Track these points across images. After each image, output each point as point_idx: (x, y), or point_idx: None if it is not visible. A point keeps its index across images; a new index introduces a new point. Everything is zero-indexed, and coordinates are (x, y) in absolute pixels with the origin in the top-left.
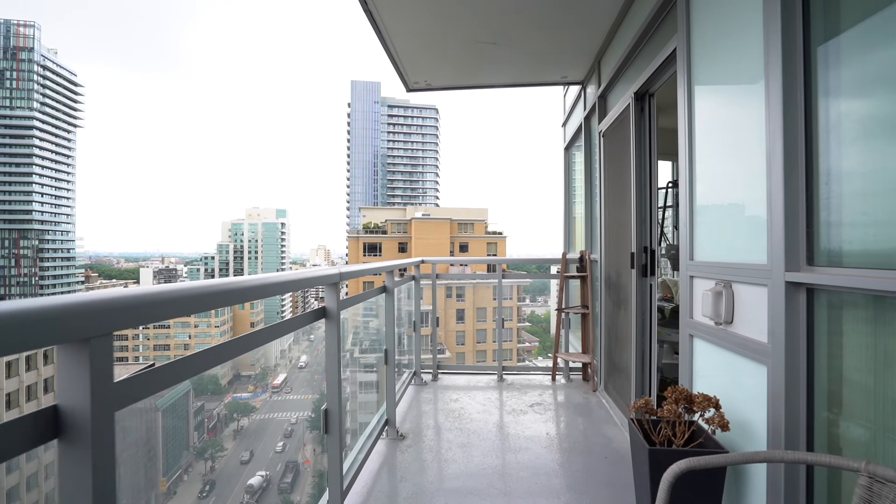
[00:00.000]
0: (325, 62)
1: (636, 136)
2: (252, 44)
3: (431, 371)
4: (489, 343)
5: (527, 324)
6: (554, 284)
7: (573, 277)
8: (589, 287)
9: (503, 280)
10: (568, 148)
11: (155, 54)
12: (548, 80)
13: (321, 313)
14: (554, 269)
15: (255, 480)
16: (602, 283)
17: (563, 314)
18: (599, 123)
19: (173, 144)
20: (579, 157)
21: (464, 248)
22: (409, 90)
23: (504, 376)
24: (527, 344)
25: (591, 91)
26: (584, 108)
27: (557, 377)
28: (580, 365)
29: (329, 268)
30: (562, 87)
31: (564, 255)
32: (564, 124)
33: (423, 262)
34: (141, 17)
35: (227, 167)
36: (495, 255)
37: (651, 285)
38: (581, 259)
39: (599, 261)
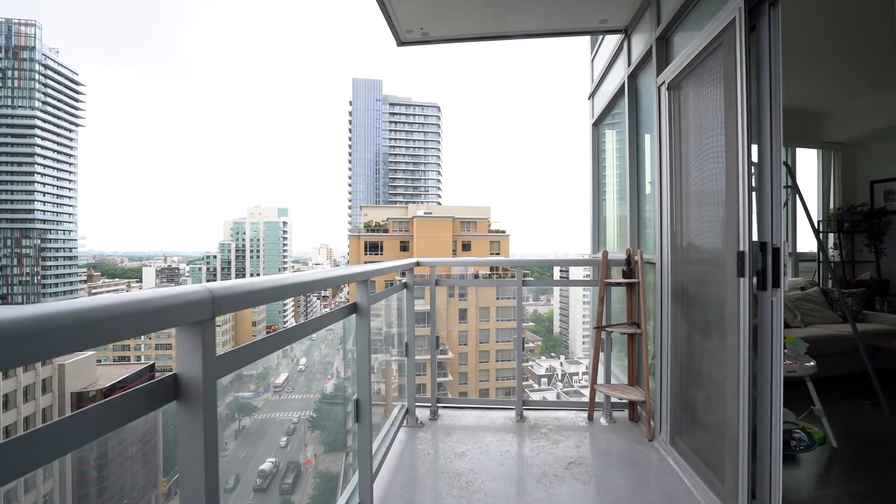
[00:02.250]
0: (327, 60)
1: (745, 70)
2: (253, 42)
3: (430, 405)
4: (492, 343)
5: (530, 323)
6: (562, 290)
7: (618, 284)
8: (641, 298)
9: (522, 288)
10: (598, 123)
11: (155, 53)
12: (579, 28)
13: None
14: (579, 273)
15: (266, 466)
16: (666, 294)
17: (602, 333)
18: (660, 74)
19: (175, 143)
20: (612, 135)
21: (466, 247)
22: (400, 43)
23: (525, 413)
24: (531, 344)
25: (642, 38)
26: (629, 63)
27: (596, 414)
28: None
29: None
30: (589, 51)
31: (605, 254)
32: (592, 95)
33: (417, 264)
34: (140, 16)
35: (228, 166)
36: (498, 254)
37: (773, 303)
38: (628, 260)
39: (661, 263)
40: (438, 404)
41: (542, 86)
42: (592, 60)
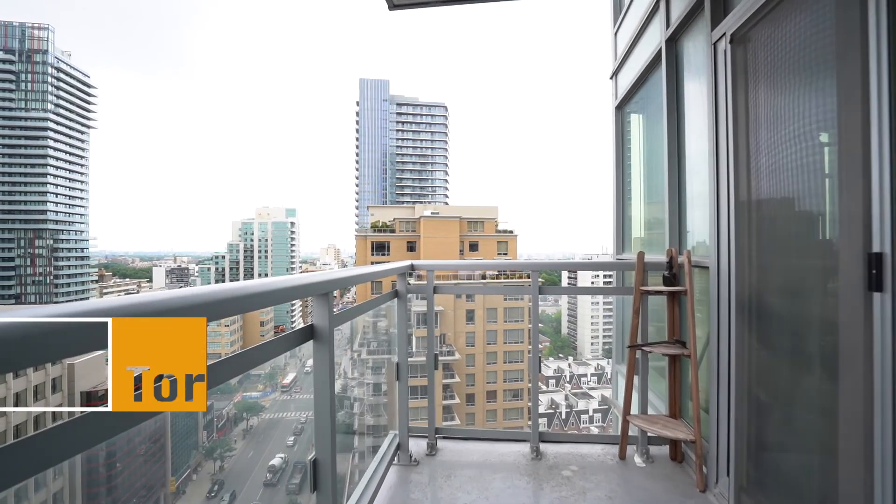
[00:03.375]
0: (334, 60)
1: None
2: (259, 43)
3: (427, 437)
4: (500, 344)
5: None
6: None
7: (658, 293)
8: (689, 310)
9: (538, 298)
10: (623, 105)
11: (160, 54)
12: None
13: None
14: (587, 279)
15: (276, 461)
16: (729, 307)
17: (637, 353)
18: (716, 27)
19: (183, 144)
20: (638, 119)
21: (473, 248)
22: (392, 7)
23: (542, 448)
24: (539, 345)
25: None
26: (667, 24)
27: (629, 450)
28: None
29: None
30: (612, 24)
31: (641, 256)
32: (616, 74)
33: (412, 268)
34: (145, 17)
35: (236, 166)
36: (506, 254)
37: None
38: (670, 264)
39: (719, 267)
40: (438, 435)
41: (554, 73)
42: (616, 33)
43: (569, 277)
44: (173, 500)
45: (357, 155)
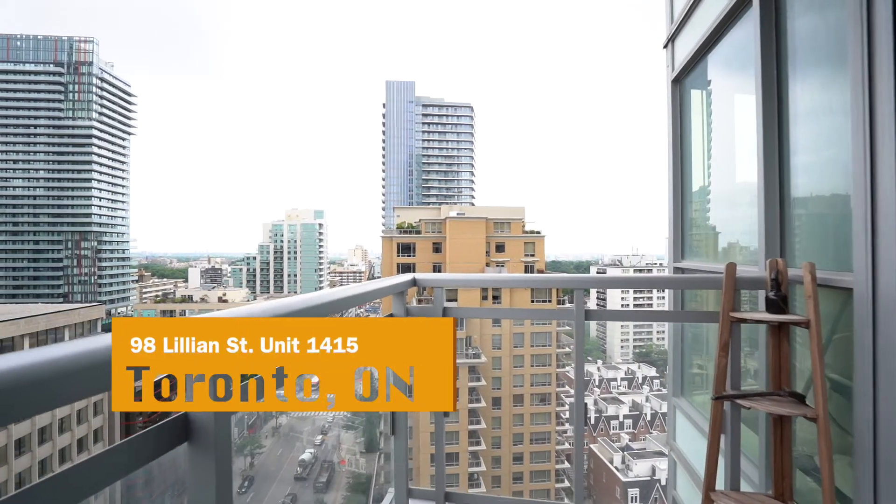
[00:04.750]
0: (361, 63)
1: None
2: (287, 48)
3: (433, 501)
4: (526, 347)
5: (566, 326)
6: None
7: (759, 322)
8: (814, 350)
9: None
10: (681, 78)
11: (189, 59)
12: None
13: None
14: (616, 299)
15: (305, 456)
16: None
17: (725, 405)
18: None
19: (214, 147)
20: (700, 96)
21: (500, 248)
22: None
23: None
24: (566, 348)
25: None
26: None
27: None
28: None
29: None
30: None
31: (732, 269)
32: (671, 40)
33: (414, 282)
34: (176, 23)
35: (266, 168)
36: (532, 255)
37: None
38: (775, 281)
39: (875, 290)
40: (448, 503)
41: (588, 53)
42: None
43: (622, 299)
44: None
45: (383, 156)
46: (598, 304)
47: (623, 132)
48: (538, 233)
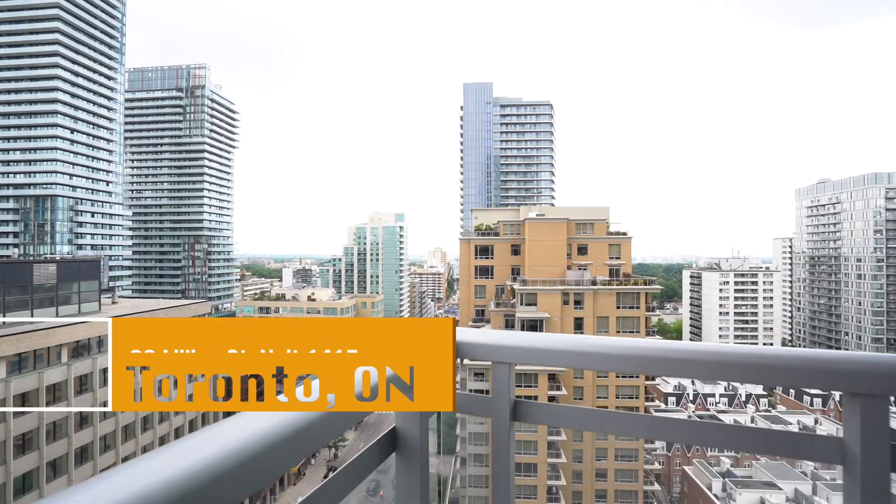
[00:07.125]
0: (438, 68)
1: None
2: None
3: None
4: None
5: (656, 337)
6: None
7: None
8: None
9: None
10: None
11: (278, 74)
12: None
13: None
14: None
15: None
16: None
17: None
18: None
19: (304, 155)
20: None
21: (582, 251)
22: None
23: None
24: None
25: None
26: None
27: None
28: None
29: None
30: None
31: None
32: None
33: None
34: (268, 44)
35: (351, 173)
36: (618, 257)
37: None
38: None
39: None
40: None
41: (678, 40)
42: None
43: (691, 285)
44: (295, 480)
45: (461, 158)
46: (691, 291)
47: (717, 125)
48: (624, 234)
